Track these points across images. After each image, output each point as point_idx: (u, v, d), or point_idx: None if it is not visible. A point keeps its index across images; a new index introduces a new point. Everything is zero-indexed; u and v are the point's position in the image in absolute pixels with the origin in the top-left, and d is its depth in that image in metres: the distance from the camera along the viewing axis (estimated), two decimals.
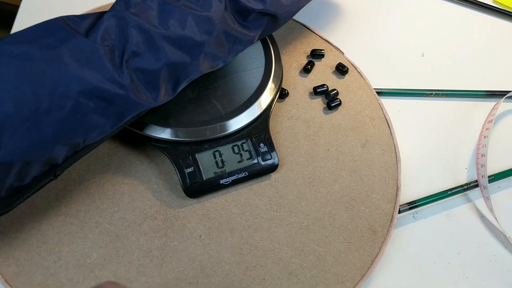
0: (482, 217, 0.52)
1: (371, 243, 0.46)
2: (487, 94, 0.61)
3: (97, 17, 0.40)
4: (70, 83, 0.36)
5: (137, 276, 0.43)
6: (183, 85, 0.45)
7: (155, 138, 0.46)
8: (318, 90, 0.55)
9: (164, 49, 0.41)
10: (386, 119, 0.55)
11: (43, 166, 0.38)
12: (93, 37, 0.38)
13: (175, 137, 0.47)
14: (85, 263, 0.43)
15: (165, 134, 0.46)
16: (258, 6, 0.46)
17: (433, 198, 0.52)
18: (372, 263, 0.45)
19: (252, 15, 0.46)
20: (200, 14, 0.42)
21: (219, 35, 0.44)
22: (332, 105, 0.54)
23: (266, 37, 0.54)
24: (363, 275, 0.45)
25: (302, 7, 0.52)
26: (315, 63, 0.58)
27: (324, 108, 0.55)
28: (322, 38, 0.61)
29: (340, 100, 0.54)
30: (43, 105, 0.35)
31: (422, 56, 0.65)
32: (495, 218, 0.51)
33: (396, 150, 0.52)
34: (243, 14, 0.46)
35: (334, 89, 0.55)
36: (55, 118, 0.36)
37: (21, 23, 0.62)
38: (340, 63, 0.57)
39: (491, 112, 0.58)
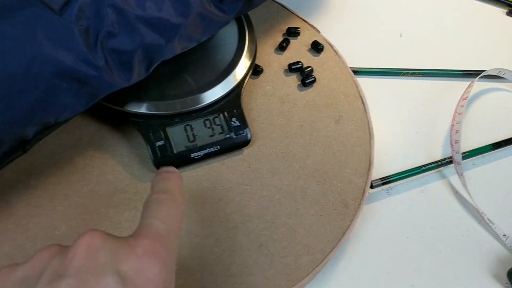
0: (456, 193, 0.52)
1: (342, 216, 0.46)
2: (464, 74, 0.61)
3: None
4: (43, 63, 0.35)
5: None
6: (155, 65, 0.44)
7: (126, 112, 0.46)
8: (292, 67, 0.55)
9: (140, 31, 0.40)
10: (360, 96, 0.54)
11: (13, 142, 0.38)
12: (67, 15, 0.37)
13: (146, 111, 0.46)
14: (53, 235, 0.43)
15: (136, 107, 0.46)
16: None
17: (407, 174, 0.52)
18: (342, 236, 0.45)
19: None
20: None
21: (195, 17, 0.44)
22: (307, 81, 0.54)
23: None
24: (333, 247, 0.44)
25: None
26: (291, 41, 0.58)
27: (299, 85, 0.55)
28: (299, 17, 0.60)
29: (314, 77, 0.54)
30: (16, 85, 0.34)
31: (400, 36, 0.65)
32: (469, 193, 0.51)
33: (370, 126, 0.52)
34: None
35: (309, 66, 0.55)
36: (28, 98, 0.35)
37: None
38: (315, 40, 0.57)
39: (466, 90, 0.58)
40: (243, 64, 0.51)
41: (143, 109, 0.46)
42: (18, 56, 0.34)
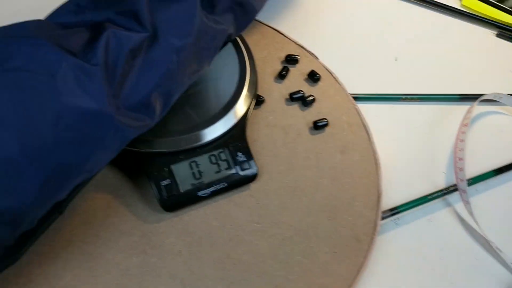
0: (462, 221, 0.52)
1: (356, 252, 0.45)
2: (461, 98, 0.61)
3: (91, 28, 0.37)
4: (72, 113, 0.32)
5: None
6: (175, 97, 0.42)
7: (129, 150, 0.44)
8: (294, 96, 0.54)
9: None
10: (363, 124, 0.54)
11: (50, 205, 0.35)
12: (93, 59, 0.34)
13: (149, 149, 0.44)
14: (57, 285, 0.40)
15: (139, 145, 0.44)
16: None
17: (414, 204, 0.51)
18: (358, 273, 0.44)
19: (219, 4, 0.44)
20: None
21: (198, 34, 0.42)
22: (319, 124, 0.52)
23: (240, 42, 0.53)
24: (350, 286, 0.43)
25: None
26: (290, 68, 0.57)
27: (301, 114, 0.53)
28: (296, 43, 0.59)
29: (327, 121, 0.53)
30: (48, 141, 0.32)
31: (396, 60, 0.64)
32: (476, 222, 0.50)
33: (376, 156, 0.52)
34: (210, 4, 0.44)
35: (311, 95, 0.54)
36: (62, 154, 0.33)
37: None
38: (312, 70, 0.56)
39: (466, 115, 0.58)
40: (246, 96, 0.49)
41: (146, 147, 0.44)
42: (45, 107, 0.31)
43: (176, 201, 0.44)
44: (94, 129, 0.34)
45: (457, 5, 0.71)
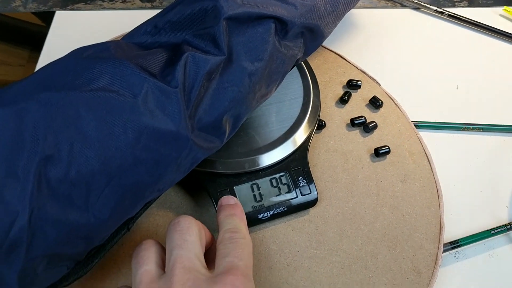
0: None
1: (416, 285, 0.44)
2: None
3: (169, 50, 0.38)
4: (151, 133, 0.33)
5: None
6: (242, 120, 0.43)
7: (193, 169, 0.44)
8: (355, 121, 0.54)
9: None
10: (426, 154, 0.53)
11: (122, 222, 0.36)
12: (173, 81, 0.35)
13: (213, 169, 0.45)
14: None
15: (203, 166, 0.44)
16: (295, 18, 0.43)
17: (477, 238, 0.49)
18: None
19: (291, 30, 0.44)
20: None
21: (270, 58, 0.42)
22: (380, 152, 0.52)
23: (304, 66, 0.53)
24: None
25: (341, 15, 0.51)
26: (352, 93, 0.56)
27: (362, 140, 0.53)
28: (358, 68, 0.59)
29: (389, 148, 0.52)
30: (127, 159, 0.32)
31: (457, 88, 0.63)
32: None
33: (438, 187, 0.50)
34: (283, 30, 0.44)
35: (373, 121, 0.54)
36: (139, 173, 0.33)
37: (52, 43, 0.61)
38: (374, 96, 0.56)
39: None
40: (309, 120, 0.49)
41: (210, 167, 0.45)
42: (127, 127, 0.32)
43: None
44: (170, 150, 0.34)
45: None
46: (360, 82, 0.57)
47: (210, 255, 0.36)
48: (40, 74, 0.33)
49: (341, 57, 0.60)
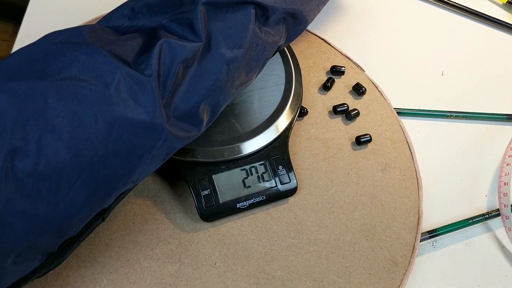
0: (502, 247, 0.51)
1: (392, 275, 0.45)
2: (508, 118, 0.59)
3: (145, 35, 0.37)
4: (124, 124, 0.32)
5: None
6: (222, 108, 0.42)
7: (171, 158, 0.44)
8: (338, 109, 0.53)
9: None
10: (407, 142, 0.53)
11: (95, 213, 0.36)
12: (147, 69, 0.34)
13: (192, 157, 0.44)
14: None
15: (182, 154, 0.44)
16: (276, 4, 0.42)
17: (454, 227, 0.50)
18: None
19: (272, 16, 0.43)
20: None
21: (250, 46, 0.41)
22: (362, 140, 0.51)
23: (287, 52, 0.52)
24: None
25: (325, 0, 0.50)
26: (335, 80, 0.56)
27: (344, 128, 0.53)
28: (342, 54, 0.58)
29: (370, 137, 0.52)
30: (99, 151, 0.32)
31: (442, 75, 0.63)
32: None
33: (418, 176, 0.50)
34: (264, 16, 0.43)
35: (355, 109, 0.53)
36: (111, 165, 0.33)
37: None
38: (358, 83, 0.55)
39: None
40: (290, 108, 0.49)
41: (188, 155, 0.44)
42: (98, 119, 0.31)
43: (214, 211, 0.44)
44: (144, 140, 0.34)
45: (509, 20, 0.69)
46: (344, 68, 0.56)
47: None
48: (9, 60, 0.32)
49: (325, 41, 0.59)
